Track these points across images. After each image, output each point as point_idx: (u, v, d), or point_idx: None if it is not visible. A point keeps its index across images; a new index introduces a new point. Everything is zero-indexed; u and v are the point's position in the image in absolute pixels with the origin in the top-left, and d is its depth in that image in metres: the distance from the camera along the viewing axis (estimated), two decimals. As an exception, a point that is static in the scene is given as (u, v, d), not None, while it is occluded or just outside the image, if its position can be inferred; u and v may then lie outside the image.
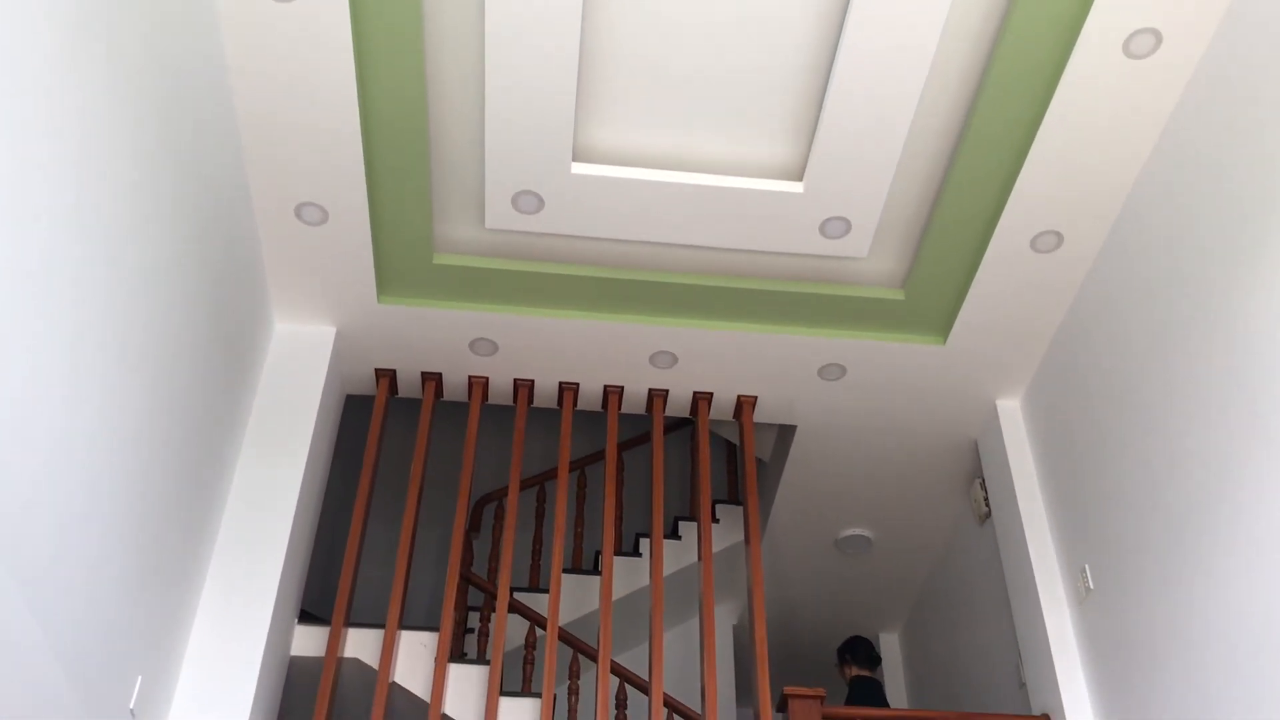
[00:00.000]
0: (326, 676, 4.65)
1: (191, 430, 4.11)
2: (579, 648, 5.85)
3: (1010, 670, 5.60)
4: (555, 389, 5.68)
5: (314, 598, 6.27)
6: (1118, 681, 4.50)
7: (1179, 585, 4.12)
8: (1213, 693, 3.88)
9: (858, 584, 7.12)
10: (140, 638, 3.78)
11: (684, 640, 6.90)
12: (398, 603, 4.93)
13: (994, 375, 5.49)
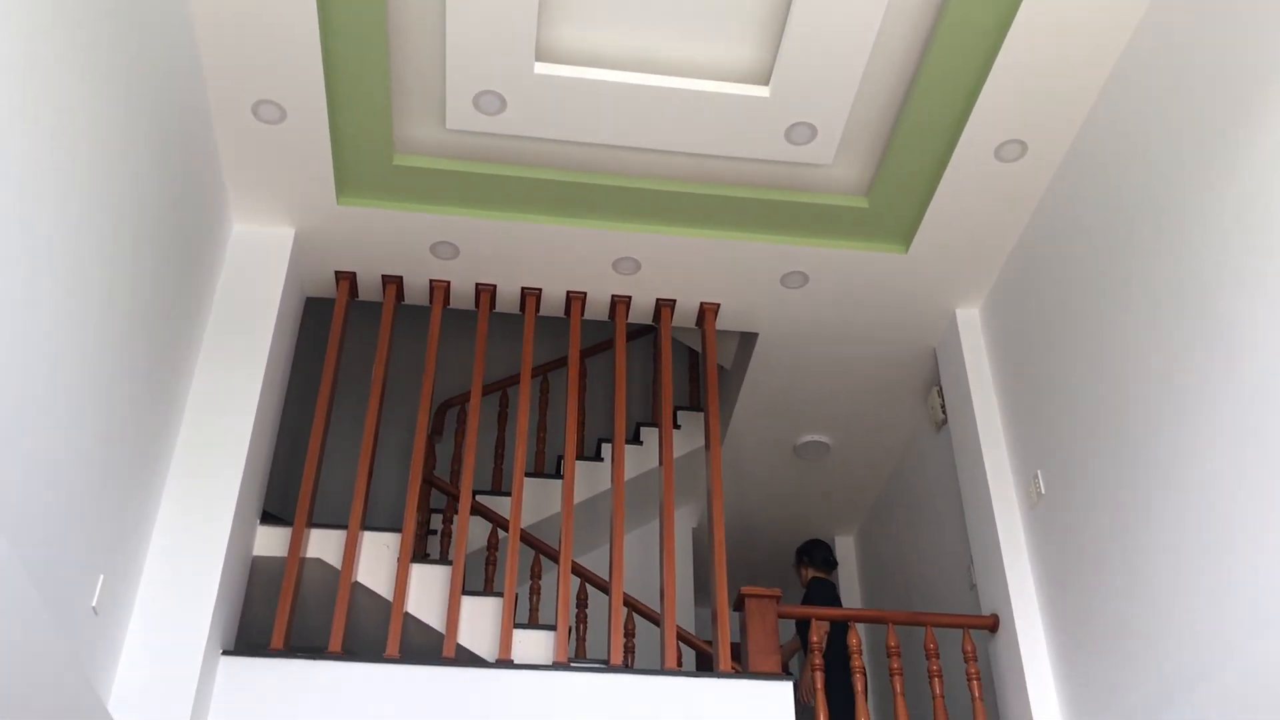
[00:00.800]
0: (289, 576, 4.70)
1: (149, 330, 4.07)
2: (540, 549, 5.94)
3: (961, 573, 5.75)
4: (517, 294, 5.66)
5: (276, 500, 6.30)
6: (1065, 584, 4.64)
7: (1128, 491, 4.23)
8: (1156, 595, 4.00)
9: (815, 489, 7.24)
10: (101, 537, 3.78)
11: (644, 543, 7.02)
12: (360, 503, 4.96)
13: (954, 284, 5.53)
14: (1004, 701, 4.84)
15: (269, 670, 4.39)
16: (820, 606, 5.33)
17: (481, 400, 5.41)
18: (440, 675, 4.47)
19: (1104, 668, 4.29)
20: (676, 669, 4.74)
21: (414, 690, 4.41)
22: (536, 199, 5.11)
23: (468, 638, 4.87)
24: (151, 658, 4.10)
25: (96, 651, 3.84)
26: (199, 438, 4.54)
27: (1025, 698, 4.64)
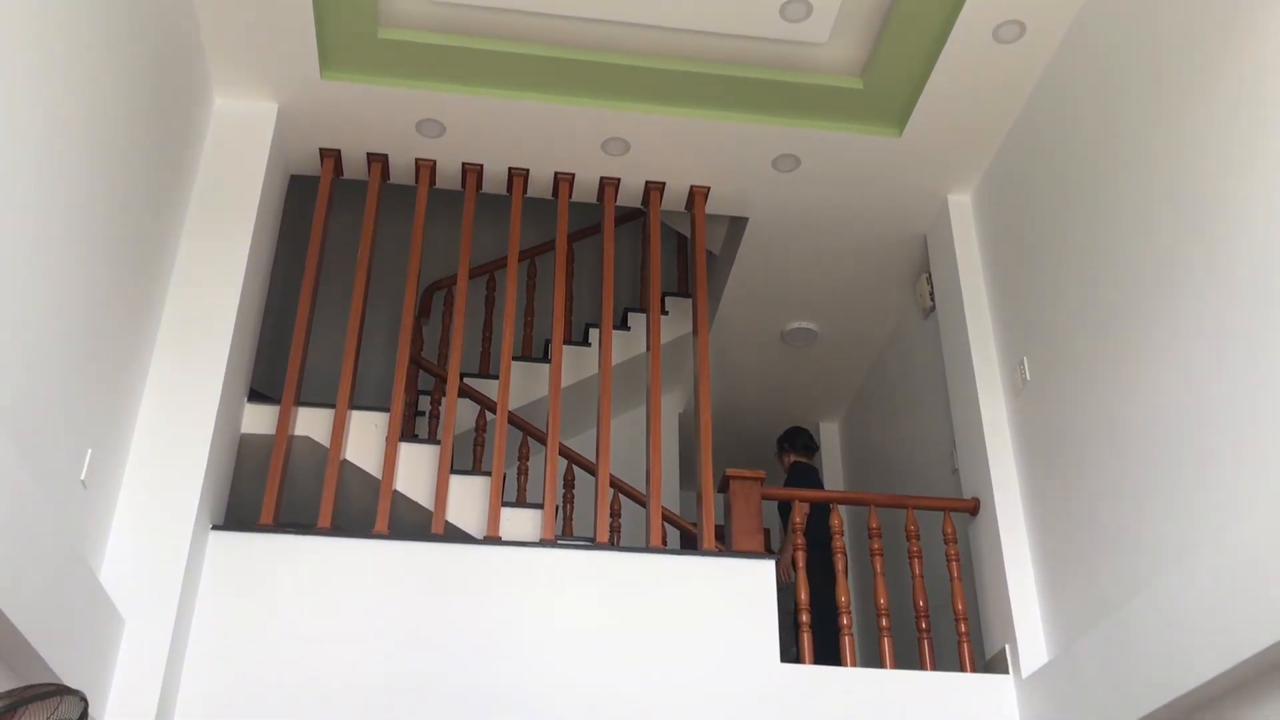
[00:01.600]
0: (278, 453, 4.72)
1: (131, 205, 4.01)
2: (528, 430, 5.98)
3: (944, 458, 5.81)
4: (505, 175, 5.59)
5: (264, 379, 6.30)
6: (1046, 468, 4.70)
7: (1111, 379, 4.25)
8: (1136, 479, 4.05)
9: (801, 376, 7.28)
10: (88, 412, 3.78)
11: (630, 428, 7.06)
12: (348, 382, 4.97)
13: (947, 169, 5.47)
14: (982, 583, 4.95)
15: (258, 545, 4.44)
16: (802, 488, 5.40)
17: (468, 283, 5.38)
18: (428, 551, 4.53)
19: (1081, 550, 4.37)
20: (661, 547, 4.81)
21: (403, 565, 4.47)
22: (525, 75, 5.01)
23: (456, 515, 4.92)
24: (141, 532, 4.14)
25: (86, 525, 3.88)
26: (184, 314, 4.51)
27: (1003, 579, 4.73)
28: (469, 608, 4.43)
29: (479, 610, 4.43)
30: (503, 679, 4.30)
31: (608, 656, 4.41)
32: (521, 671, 4.33)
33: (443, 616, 4.39)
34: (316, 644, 4.28)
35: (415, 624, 4.36)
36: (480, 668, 4.31)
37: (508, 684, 4.30)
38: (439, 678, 4.27)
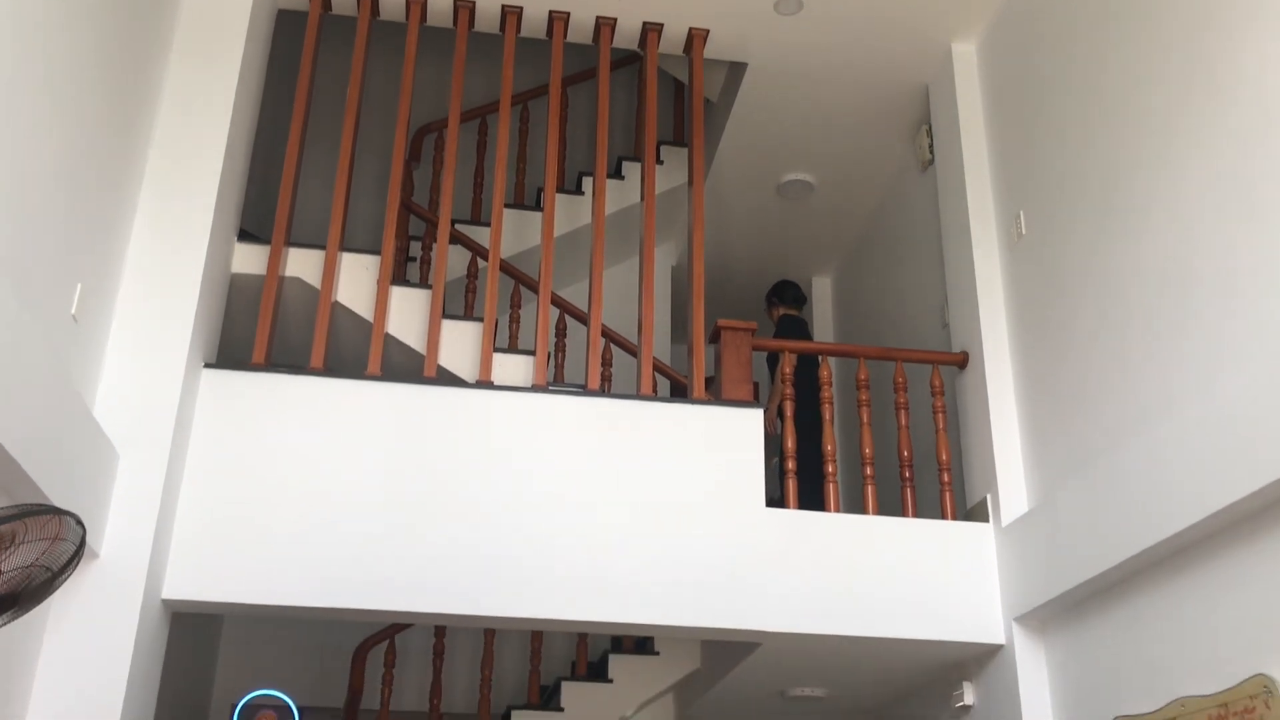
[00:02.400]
0: (268, 292, 4.70)
1: (116, 33, 3.89)
2: (520, 279, 5.96)
3: (935, 314, 5.82)
4: (497, 12, 5.43)
5: (253, 221, 6.23)
6: (1036, 322, 4.71)
7: (1108, 232, 4.23)
8: (1125, 334, 4.07)
9: (796, 228, 7.22)
10: (76, 245, 3.75)
11: (623, 279, 7.04)
12: (338, 223, 4.92)
13: (953, 16, 5.33)
14: (966, 435, 5.01)
15: (251, 384, 4.46)
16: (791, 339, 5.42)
17: (460, 128, 5.27)
18: (421, 393, 4.56)
19: (1067, 403, 4.42)
20: (652, 395, 4.85)
21: (395, 407, 4.51)
22: (520, -93, 4.82)
23: (448, 359, 4.94)
24: (134, 368, 4.15)
25: (78, 360, 3.88)
26: (173, 144, 4.43)
27: (988, 431, 4.80)
28: (461, 450, 4.48)
29: (471, 452, 4.48)
30: (494, 519, 4.38)
31: (597, 499, 4.49)
32: (512, 512, 4.41)
33: (435, 458, 4.45)
34: (309, 482, 4.33)
35: (407, 464, 4.42)
36: (471, 508, 4.39)
37: (499, 524, 4.38)
38: (430, 517, 4.35)
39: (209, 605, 4.29)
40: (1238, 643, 3.36)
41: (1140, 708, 3.77)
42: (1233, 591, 3.42)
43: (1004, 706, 4.48)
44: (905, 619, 4.50)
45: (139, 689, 3.94)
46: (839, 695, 5.60)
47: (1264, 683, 3.19)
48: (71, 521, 2.39)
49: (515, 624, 4.57)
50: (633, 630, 4.99)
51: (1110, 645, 4.01)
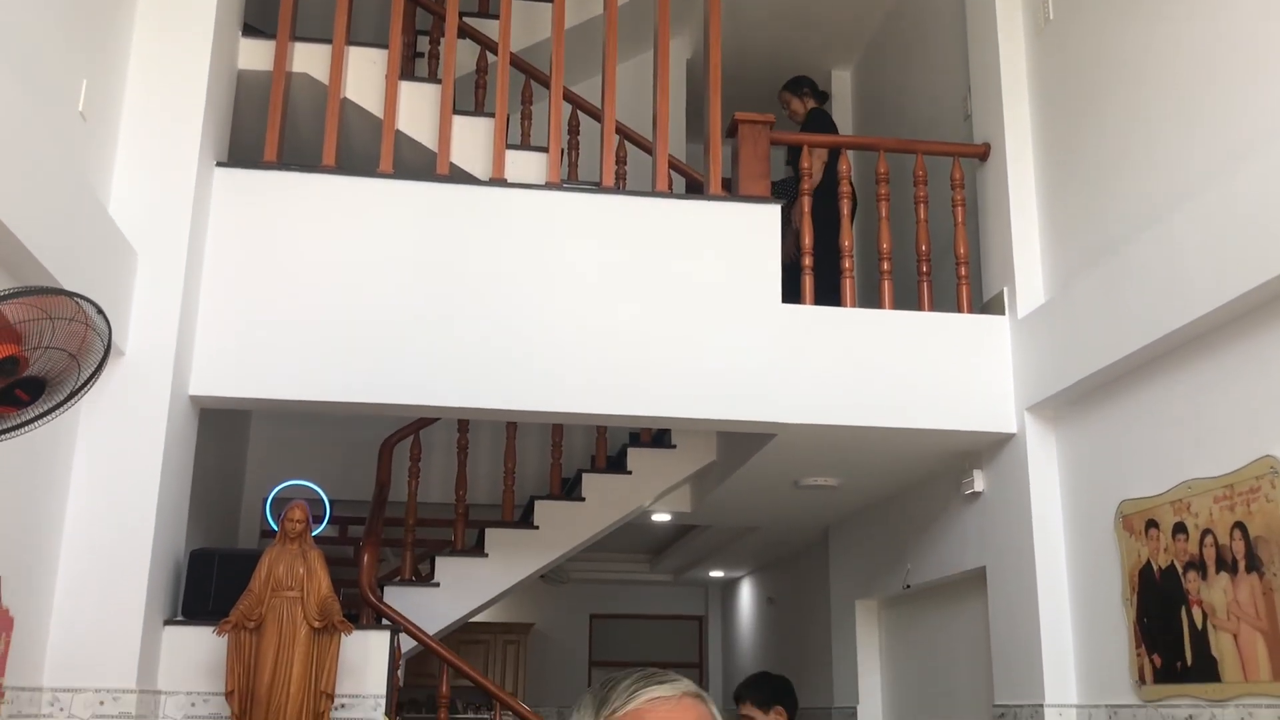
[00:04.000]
0: (276, 88, 4.61)
1: None
2: (531, 73, 5.82)
3: (957, 107, 5.68)
4: None
5: (256, 13, 6.05)
6: (1060, 113, 4.60)
7: (1135, 17, 4.08)
8: (1146, 121, 3.98)
9: (815, 19, 6.98)
10: (81, 40, 3.66)
11: (637, 75, 6.85)
12: (344, 15, 4.78)
13: None
14: (985, 228, 4.97)
15: (264, 182, 4.43)
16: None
17: (466, -90, 5.04)
18: (434, 191, 4.53)
19: (1087, 195, 4.36)
20: (667, 191, 4.80)
21: (409, 204, 4.48)
22: None
23: (460, 157, 4.88)
24: (146, 168, 4.12)
25: (90, 160, 3.85)
26: (168, -65, 4.27)
27: (1006, 223, 4.75)
28: (477, 247, 4.47)
29: (486, 249, 4.48)
30: (509, 315, 4.41)
31: (614, 295, 4.50)
32: (527, 308, 4.43)
33: (450, 256, 4.44)
34: (327, 280, 4.35)
35: (424, 262, 4.42)
36: (487, 305, 4.41)
37: (517, 320, 4.41)
38: (449, 314, 4.38)
39: (235, 401, 4.39)
40: (1245, 426, 3.42)
41: (1147, 491, 3.86)
42: (1242, 378, 3.45)
43: (1013, 493, 4.60)
44: (919, 410, 4.58)
45: (172, 483, 4.07)
46: (851, 484, 5.75)
47: (1271, 463, 3.26)
48: (94, 308, 2.41)
49: (535, 417, 4.67)
50: (651, 423, 5.10)
51: (1119, 432, 4.08)
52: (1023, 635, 4.44)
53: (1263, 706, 3.27)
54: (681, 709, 1.32)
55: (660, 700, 1.32)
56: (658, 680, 1.35)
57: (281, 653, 3.95)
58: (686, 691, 1.34)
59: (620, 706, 1.31)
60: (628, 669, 1.39)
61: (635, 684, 1.34)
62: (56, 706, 3.68)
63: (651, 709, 1.31)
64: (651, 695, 1.32)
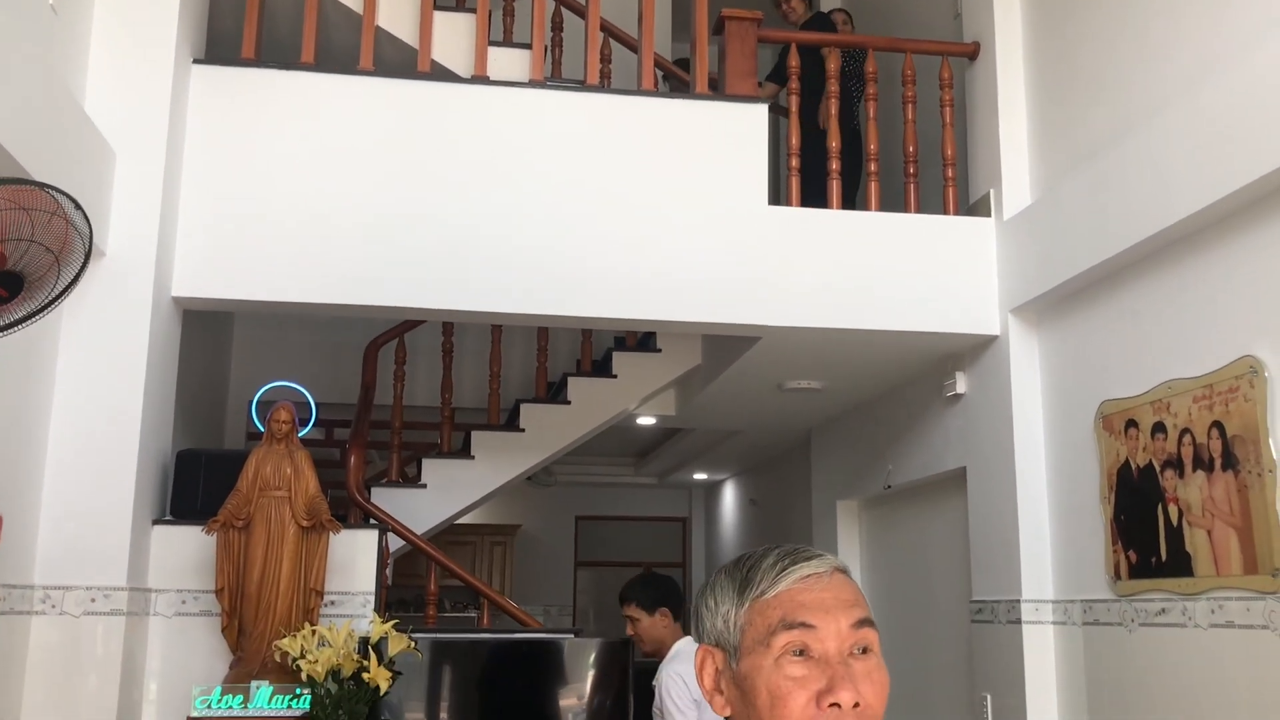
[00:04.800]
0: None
1: None
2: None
3: (947, 4, 5.57)
4: None
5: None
6: (1051, 14, 4.53)
7: (1135, -93, 4.00)
8: (1140, 21, 3.92)
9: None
10: (45, -72, 3.55)
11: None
12: (319, -94, 4.63)
13: None
14: (973, 129, 4.93)
15: (242, 80, 4.35)
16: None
17: None
18: (416, 88, 4.45)
19: (1077, 95, 4.32)
20: (653, 90, 4.73)
21: (390, 103, 4.41)
22: None
23: (441, 53, 4.79)
24: (121, 64, 4.03)
25: (64, 57, 3.76)
26: None
27: (995, 124, 4.71)
28: (459, 147, 4.41)
29: (469, 149, 4.42)
30: (492, 215, 4.37)
31: (598, 196, 4.46)
32: (510, 208, 4.39)
33: (432, 154, 4.39)
34: (308, 180, 4.29)
35: (405, 161, 4.36)
36: (469, 205, 4.37)
37: (501, 222, 4.37)
38: (432, 215, 4.34)
39: (217, 303, 4.37)
40: (1226, 328, 3.44)
41: (1127, 392, 3.90)
42: (1224, 279, 3.47)
43: (994, 394, 4.64)
44: (903, 312, 4.59)
45: (156, 384, 4.07)
46: (834, 387, 5.79)
47: (1251, 363, 3.29)
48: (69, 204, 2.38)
49: (519, 319, 4.66)
50: (635, 326, 5.10)
51: (1101, 334, 4.11)
52: (1001, 533, 4.52)
53: (1232, 599, 3.35)
54: (835, 585, 1.20)
55: (814, 578, 1.20)
56: (805, 556, 1.22)
57: (270, 551, 3.99)
58: (836, 566, 1.23)
59: (768, 589, 1.19)
60: (761, 547, 1.27)
61: (780, 561, 1.22)
62: (49, 604, 3.72)
63: (805, 588, 1.19)
64: (803, 573, 1.20)
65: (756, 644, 1.17)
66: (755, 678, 1.16)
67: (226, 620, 3.97)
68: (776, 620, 1.16)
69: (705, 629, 1.24)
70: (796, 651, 1.15)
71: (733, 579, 1.23)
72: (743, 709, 1.17)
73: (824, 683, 1.13)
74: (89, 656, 3.73)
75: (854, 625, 1.17)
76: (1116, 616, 3.91)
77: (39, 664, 3.68)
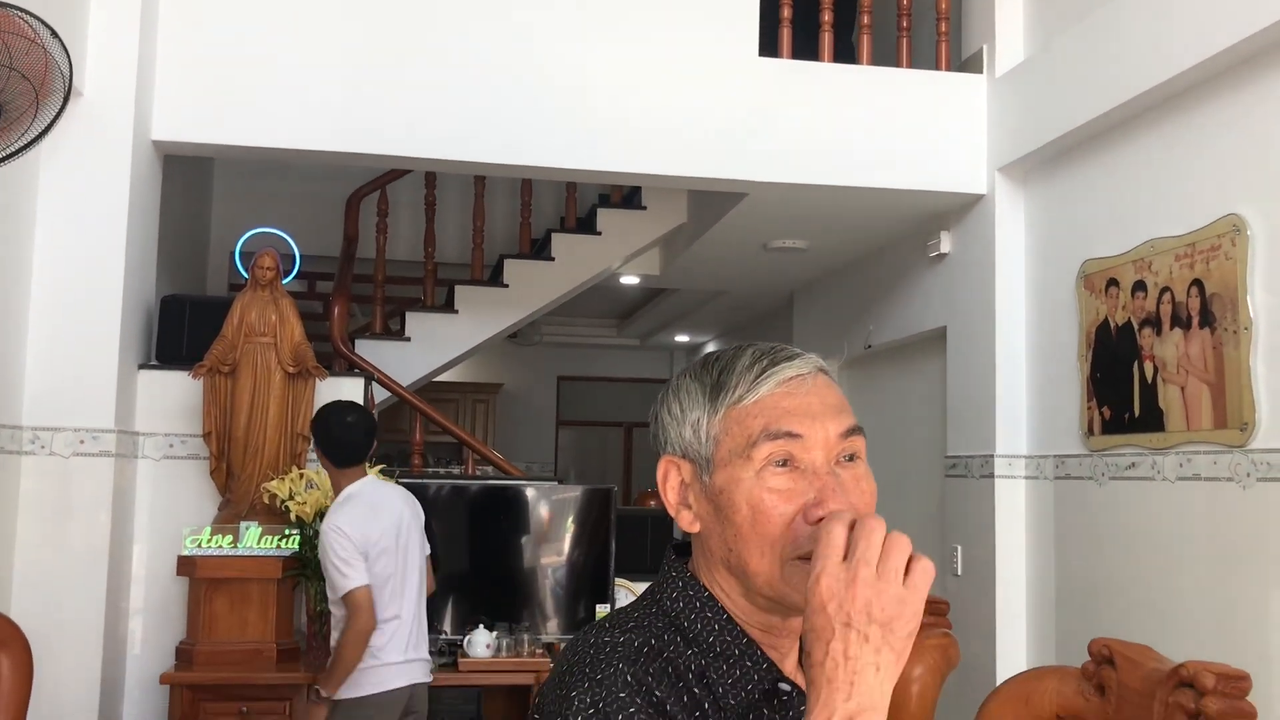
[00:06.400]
0: None
1: None
2: None
3: None
4: None
5: None
6: None
7: None
8: None
9: None
10: None
11: None
12: None
13: None
14: (969, -18, 4.83)
15: (218, -86, 4.19)
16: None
17: None
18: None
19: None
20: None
21: (372, -58, 4.28)
22: None
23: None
24: (90, -107, 3.88)
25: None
26: None
27: (991, -23, 4.62)
28: (444, -10, 4.30)
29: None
30: (475, 63, 4.27)
31: (584, 45, 4.37)
32: (495, 56, 4.30)
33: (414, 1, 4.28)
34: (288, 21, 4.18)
35: (388, 3, 4.25)
36: (454, 52, 4.27)
37: (485, 71, 4.28)
38: (412, 60, 4.23)
39: (197, 147, 4.31)
40: (1212, 186, 3.44)
41: (1111, 250, 3.92)
42: (1213, 138, 3.46)
43: (978, 253, 4.66)
44: (892, 169, 4.56)
45: (139, 229, 4.04)
46: (819, 247, 5.79)
47: (1234, 221, 3.30)
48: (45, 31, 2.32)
49: (502, 170, 4.62)
50: (621, 179, 5.07)
51: (1087, 193, 4.11)
52: (978, 391, 4.60)
53: (1201, 453, 3.44)
54: (820, 388, 1.07)
55: (798, 380, 1.06)
56: (785, 355, 1.08)
57: (257, 397, 4.02)
58: (820, 366, 1.09)
59: (746, 395, 1.05)
60: (732, 346, 1.12)
61: (759, 362, 1.07)
62: (38, 444, 3.76)
63: (788, 393, 1.05)
64: (786, 375, 1.06)
65: (734, 456, 1.04)
66: (733, 491, 1.04)
67: (215, 463, 4.02)
68: (758, 430, 1.03)
69: (669, 439, 1.10)
70: (780, 462, 1.03)
71: (701, 383, 1.09)
72: (717, 525, 1.06)
73: (811, 495, 1.02)
74: (79, 497, 3.79)
75: (843, 434, 1.05)
76: (1087, 471, 4.01)
77: (31, 504, 3.74)
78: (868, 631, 0.91)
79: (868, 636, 0.91)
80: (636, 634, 1.04)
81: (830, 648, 0.91)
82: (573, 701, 0.97)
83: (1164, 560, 3.60)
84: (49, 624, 3.49)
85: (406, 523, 3.52)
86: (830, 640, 0.91)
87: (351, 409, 3.59)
